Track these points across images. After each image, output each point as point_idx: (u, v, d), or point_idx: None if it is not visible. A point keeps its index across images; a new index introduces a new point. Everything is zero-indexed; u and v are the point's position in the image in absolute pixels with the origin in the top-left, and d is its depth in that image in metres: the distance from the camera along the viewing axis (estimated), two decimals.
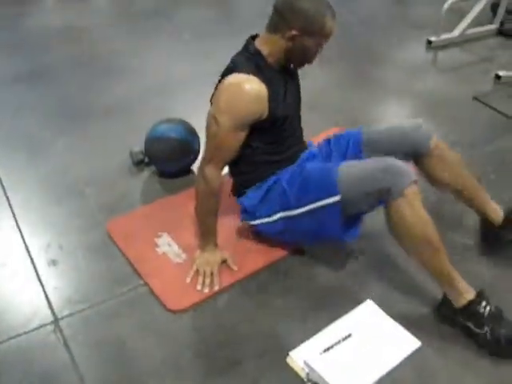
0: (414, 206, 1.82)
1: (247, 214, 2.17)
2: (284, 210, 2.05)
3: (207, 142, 1.98)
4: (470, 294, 1.84)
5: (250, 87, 1.87)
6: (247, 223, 2.20)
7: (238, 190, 2.18)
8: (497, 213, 2.17)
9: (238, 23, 4.43)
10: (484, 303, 1.82)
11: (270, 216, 2.10)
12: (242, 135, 1.94)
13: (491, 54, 4.01)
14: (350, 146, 2.17)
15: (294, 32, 1.89)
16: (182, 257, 2.16)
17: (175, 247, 2.20)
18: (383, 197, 1.85)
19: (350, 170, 1.94)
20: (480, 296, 1.84)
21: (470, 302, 1.83)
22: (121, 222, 2.34)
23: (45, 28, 4.19)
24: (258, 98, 1.88)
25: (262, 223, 2.13)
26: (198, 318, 1.95)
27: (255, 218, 2.15)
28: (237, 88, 1.87)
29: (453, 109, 3.13)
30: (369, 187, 1.87)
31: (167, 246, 2.21)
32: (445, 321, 1.91)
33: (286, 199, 2.03)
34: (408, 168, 1.87)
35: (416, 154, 2.13)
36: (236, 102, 1.88)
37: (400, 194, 1.81)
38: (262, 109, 1.92)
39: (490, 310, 1.81)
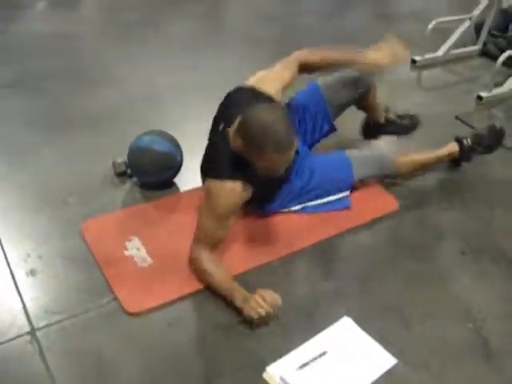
0: (404, 163, 2.62)
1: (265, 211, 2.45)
2: (302, 203, 2.45)
3: (197, 225, 2.10)
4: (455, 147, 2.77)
5: (234, 197, 2.04)
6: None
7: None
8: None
9: (225, 36, 4.45)
10: (464, 141, 2.76)
11: (288, 208, 2.45)
12: (229, 222, 2.10)
13: (474, 74, 4.06)
14: (319, 115, 2.60)
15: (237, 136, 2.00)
16: (148, 261, 2.19)
17: (143, 252, 2.22)
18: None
19: (359, 168, 2.50)
20: (458, 141, 2.77)
21: (460, 148, 2.75)
22: (95, 224, 2.37)
23: (32, 35, 4.17)
24: (241, 201, 2.08)
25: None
26: (175, 332, 1.94)
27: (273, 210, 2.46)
28: (220, 197, 2.03)
29: (435, 128, 3.17)
30: (374, 175, 2.61)
31: (136, 249, 2.23)
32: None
33: (305, 196, 2.44)
34: (390, 148, 2.61)
35: (364, 94, 2.69)
36: (220, 209, 2.04)
37: (393, 167, 2.58)
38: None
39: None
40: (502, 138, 2.84)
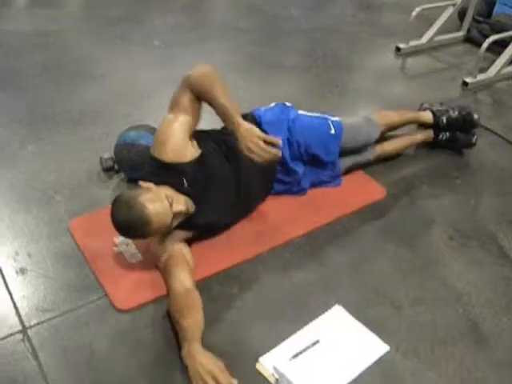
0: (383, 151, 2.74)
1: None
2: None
3: None
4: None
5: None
6: None
7: None
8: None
9: (209, 29, 4.44)
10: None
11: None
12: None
13: (458, 60, 4.08)
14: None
15: None
16: (137, 257, 2.19)
17: (132, 247, 2.22)
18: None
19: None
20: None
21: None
22: (83, 220, 2.37)
23: (14, 32, 4.13)
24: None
25: None
26: (166, 326, 1.94)
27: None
28: None
29: None
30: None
31: (125, 245, 2.23)
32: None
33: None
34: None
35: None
36: None
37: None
38: None
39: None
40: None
